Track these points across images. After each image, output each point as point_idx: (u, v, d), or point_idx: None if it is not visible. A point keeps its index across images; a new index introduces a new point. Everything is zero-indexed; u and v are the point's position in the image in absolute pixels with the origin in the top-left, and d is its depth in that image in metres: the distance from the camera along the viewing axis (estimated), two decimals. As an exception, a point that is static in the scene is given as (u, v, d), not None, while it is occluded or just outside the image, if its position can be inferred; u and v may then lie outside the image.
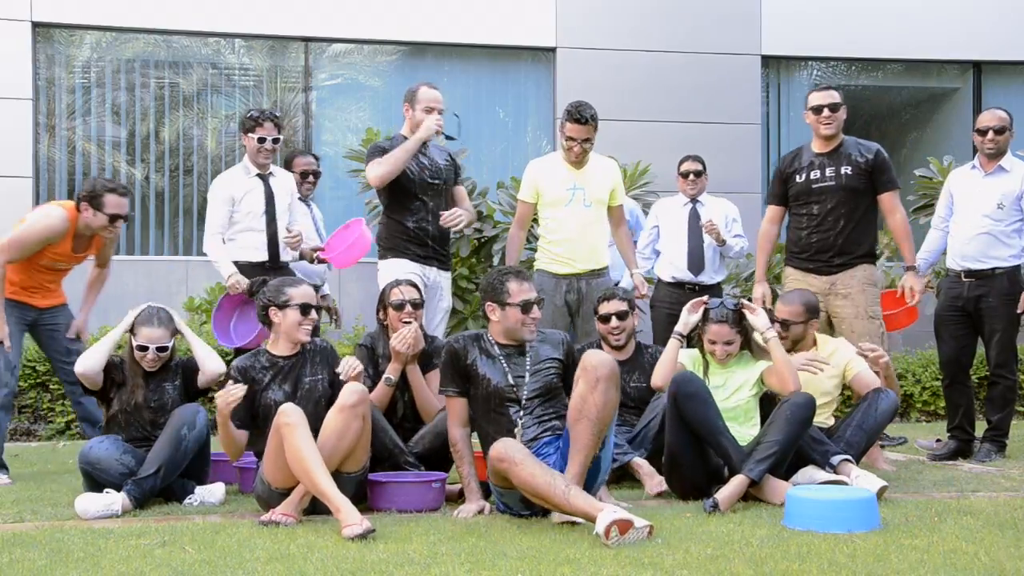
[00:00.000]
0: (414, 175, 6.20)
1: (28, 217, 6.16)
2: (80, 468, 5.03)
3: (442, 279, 6.39)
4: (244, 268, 6.24)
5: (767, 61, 11.63)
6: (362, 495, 4.78)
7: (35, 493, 5.44)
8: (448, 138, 6.58)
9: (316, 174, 7.51)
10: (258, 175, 6.44)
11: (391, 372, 5.22)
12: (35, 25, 10.34)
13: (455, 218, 6.18)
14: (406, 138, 6.23)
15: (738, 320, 4.98)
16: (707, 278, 7.42)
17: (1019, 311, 6.38)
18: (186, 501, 5.00)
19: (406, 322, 5.24)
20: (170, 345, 5.31)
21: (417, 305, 5.43)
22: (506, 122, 11.46)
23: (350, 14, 10.82)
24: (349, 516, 4.04)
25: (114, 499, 4.71)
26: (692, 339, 5.28)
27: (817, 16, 11.51)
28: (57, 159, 10.60)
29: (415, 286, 5.55)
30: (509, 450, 4.19)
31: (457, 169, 6.60)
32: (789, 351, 5.33)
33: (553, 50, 11.15)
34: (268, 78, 11.10)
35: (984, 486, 5.38)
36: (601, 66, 10.91)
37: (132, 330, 5.28)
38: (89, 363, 5.23)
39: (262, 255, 6.39)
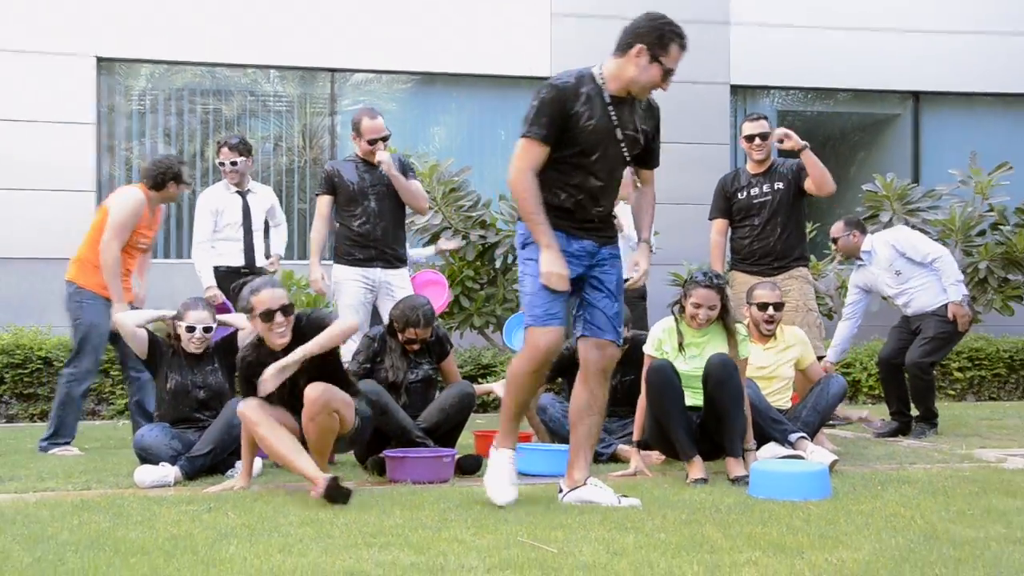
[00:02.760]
0: (354, 184, 6.04)
1: (112, 205, 6.11)
2: (135, 452, 5.05)
3: (389, 277, 6.12)
4: (225, 271, 6.54)
5: (735, 90, 11.67)
6: (362, 445, 4.99)
7: (99, 465, 5.46)
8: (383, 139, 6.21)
9: None
10: (237, 191, 6.50)
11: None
12: (99, 59, 10.37)
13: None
14: (358, 159, 6.10)
15: (720, 288, 4.91)
16: None
17: (961, 330, 6.55)
18: (228, 473, 5.01)
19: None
20: (214, 327, 5.31)
21: (425, 343, 5.34)
22: (507, 142, 11.43)
23: (370, 48, 10.83)
24: (317, 483, 4.11)
25: (168, 471, 4.73)
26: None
27: (778, 51, 11.52)
28: (116, 176, 10.62)
29: (431, 321, 5.36)
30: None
31: (404, 169, 6.21)
32: (767, 337, 5.44)
33: (547, 79, 11.10)
34: (298, 104, 11.12)
35: (920, 459, 5.42)
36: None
37: (178, 316, 5.28)
38: (126, 318, 5.31)
39: (239, 261, 6.65)
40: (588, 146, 4.00)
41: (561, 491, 4.12)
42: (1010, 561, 2.99)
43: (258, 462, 5.12)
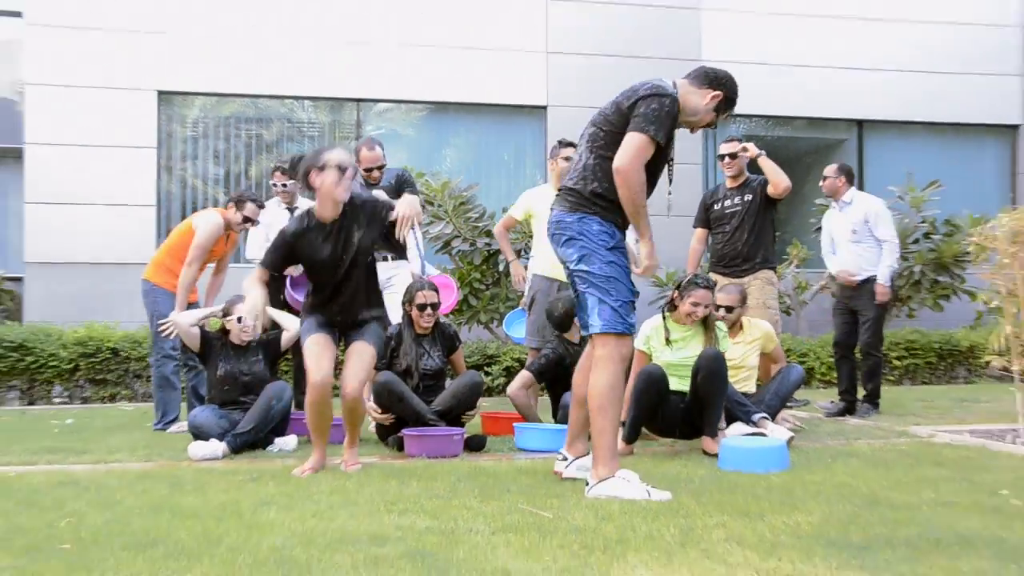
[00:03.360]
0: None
1: (197, 227, 6.04)
2: (189, 430, 5.06)
3: (387, 272, 5.84)
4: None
5: (704, 117, 11.64)
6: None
7: (158, 441, 5.47)
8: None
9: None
10: (287, 207, 6.49)
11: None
12: (159, 93, 10.38)
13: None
14: (364, 180, 5.97)
15: (712, 289, 4.95)
16: None
17: (878, 302, 6.52)
18: (268, 448, 5.03)
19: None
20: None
21: (435, 307, 5.29)
22: (508, 162, 11.45)
23: (390, 82, 10.82)
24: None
25: (217, 447, 4.73)
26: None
27: (745, 84, 11.31)
28: (173, 192, 10.62)
29: (435, 290, 5.35)
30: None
31: (401, 184, 6.06)
32: (732, 327, 5.44)
33: (544, 107, 11.14)
34: (328, 130, 11.11)
35: (864, 435, 5.42)
36: (582, 120, 10.81)
37: (227, 312, 5.27)
38: (182, 319, 5.32)
39: None
40: (667, 152, 3.77)
41: (565, 459, 3.94)
42: (939, 521, 3.02)
43: (293, 438, 5.13)
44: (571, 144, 6.16)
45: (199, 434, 4.91)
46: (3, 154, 12.14)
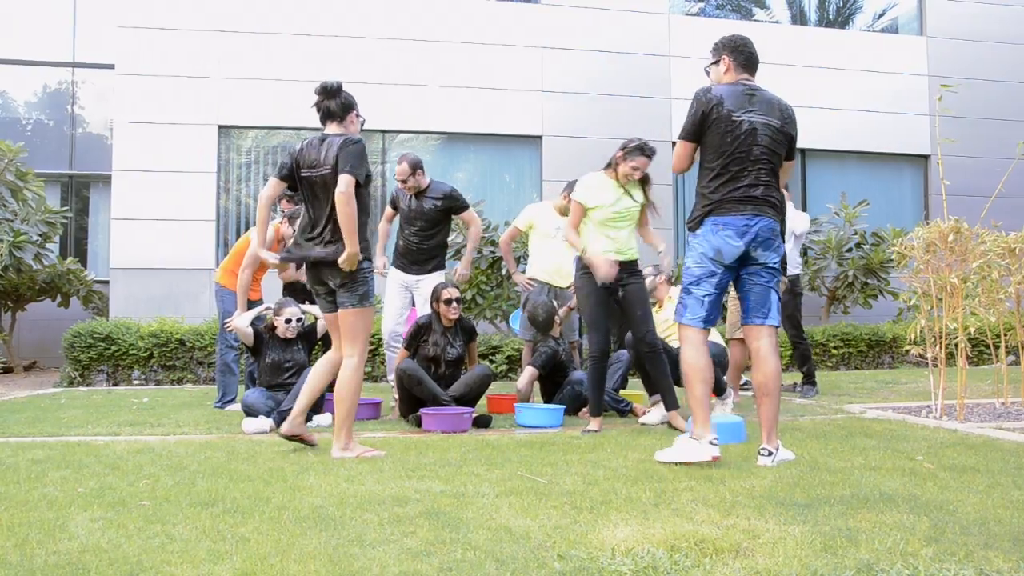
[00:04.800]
0: (403, 211, 5.64)
1: (252, 238, 5.93)
2: (242, 408, 5.05)
3: (411, 281, 5.66)
4: (301, 287, 6.20)
5: (674, 145, 11.60)
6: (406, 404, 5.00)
7: (217, 417, 5.47)
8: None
9: None
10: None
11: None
12: (219, 127, 10.36)
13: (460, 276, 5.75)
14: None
15: (651, 157, 4.79)
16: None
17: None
18: (308, 424, 4.97)
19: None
20: (303, 318, 5.28)
21: (459, 300, 5.22)
22: (509, 183, 11.42)
23: (410, 115, 10.80)
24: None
25: (264, 422, 4.72)
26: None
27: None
28: (230, 209, 10.59)
29: (457, 287, 5.30)
30: None
31: (452, 203, 5.62)
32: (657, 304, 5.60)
33: (540, 137, 11.12)
34: (361, 157, 11.09)
35: (807, 412, 5.40)
36: (572, 147, 10.90)
37: (277, 312, 5.26)
38: (239, 321, 5.31)
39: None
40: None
41: (770, 454, 3.46)
42: (867, 483, 3.02)
43: (328, 416, 5.09)
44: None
45: (250, 411, 4.90)
46: (96, 179, 12.19)
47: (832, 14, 12.69)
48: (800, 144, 12.08)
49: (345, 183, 3.67)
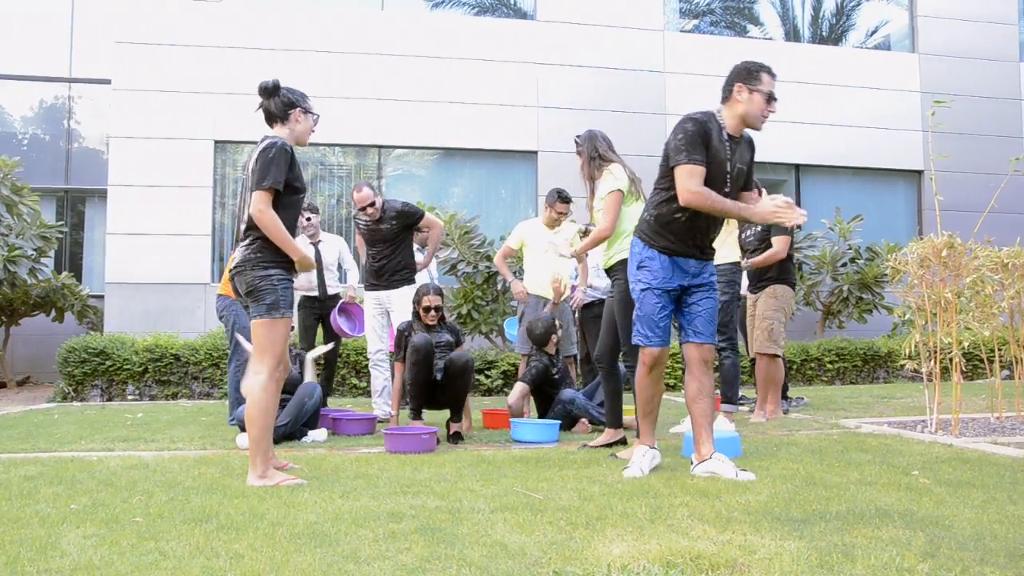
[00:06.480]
0: (364, 234, 5.81)
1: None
2: (236, 424, 5.01)
3: (383, 298, 5.82)
4: (303, 298, 6.38)
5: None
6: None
7: (212, 432, 5.44)
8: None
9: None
10: (312, 243, 6.42)
11: None
12: (215, 142, 10.40)
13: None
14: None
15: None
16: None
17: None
18: (302, 439, 4.99)
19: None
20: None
21: (439, 310, 5.20)
22: (505, 198, 11.47)
23: (407, 131, 10.86)
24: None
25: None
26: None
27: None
28: (225, 224, 10.60)
29: (440, 294, 5.24)
30: None
31: (408, 219, 5.76)
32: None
33: (536, 152, 11.17)
34: (355, 171, 11.12)
35: (803, 427, 5.39)
36: (567, 163, 10.85)
37: None
38: (249, 347, 5.24)
39: (314, 292, 6.45)
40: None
41: (693, 464, 3.59)
42: (863, 498, 3.01)
43: (323, 431, 5.07)
44: (569, 200, 6.07)
45: (245, 427, 4.86)
46: (92, 194, 12.19)
47: (825, 31, 12.82)
48: (794, 159, 12.44)
49: (255, 202, 3.47)
